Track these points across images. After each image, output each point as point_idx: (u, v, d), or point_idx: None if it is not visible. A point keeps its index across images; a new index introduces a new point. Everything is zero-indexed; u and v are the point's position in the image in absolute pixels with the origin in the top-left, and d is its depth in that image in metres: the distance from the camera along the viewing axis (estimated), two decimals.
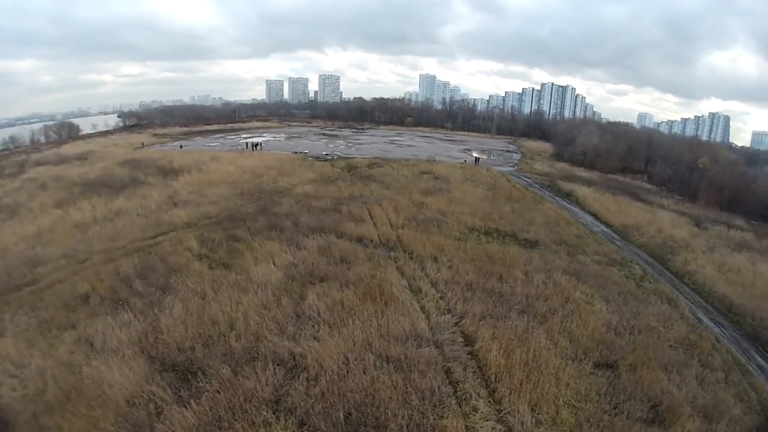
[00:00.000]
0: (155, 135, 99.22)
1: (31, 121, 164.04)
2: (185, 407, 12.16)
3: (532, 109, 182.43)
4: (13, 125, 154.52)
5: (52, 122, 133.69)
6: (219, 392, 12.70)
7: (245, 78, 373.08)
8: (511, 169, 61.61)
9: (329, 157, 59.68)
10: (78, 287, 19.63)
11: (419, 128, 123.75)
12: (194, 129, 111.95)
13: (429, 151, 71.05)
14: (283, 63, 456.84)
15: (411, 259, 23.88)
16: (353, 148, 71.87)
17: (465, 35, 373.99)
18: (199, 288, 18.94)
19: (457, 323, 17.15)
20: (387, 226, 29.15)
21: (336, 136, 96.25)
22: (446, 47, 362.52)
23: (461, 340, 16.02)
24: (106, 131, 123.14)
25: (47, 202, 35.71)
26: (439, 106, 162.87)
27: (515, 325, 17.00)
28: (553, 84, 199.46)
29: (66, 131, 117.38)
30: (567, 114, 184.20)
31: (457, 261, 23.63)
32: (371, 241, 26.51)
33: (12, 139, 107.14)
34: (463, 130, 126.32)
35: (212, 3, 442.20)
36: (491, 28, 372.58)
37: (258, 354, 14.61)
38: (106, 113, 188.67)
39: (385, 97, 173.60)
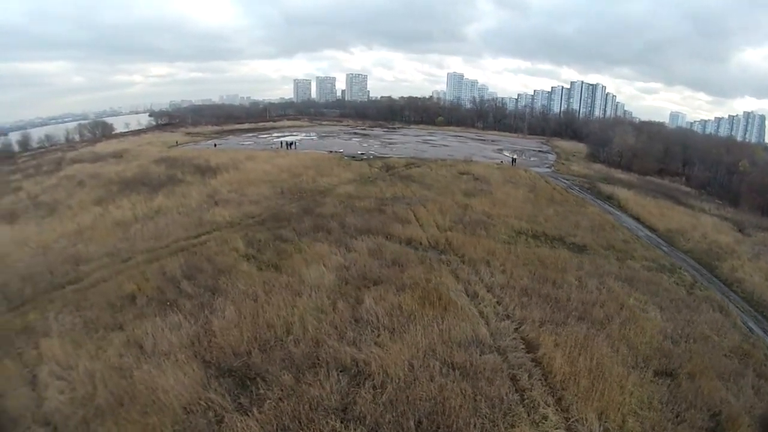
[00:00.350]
0: (188, 134, 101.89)
1: (65, 120, 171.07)
2: (247, 415, 11.82)
3: (562, 108, 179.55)
4: (47, 124, 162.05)
5: (85, 121, 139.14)
6: (282, 400, 12.34)
7: (272, 77, 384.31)
8: (548, 170, 60.57)
9: (365, 157, 59.63)
10: (123, 287, 19.68)
11: (450, 127, 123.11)
12: (226, 128, 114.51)
13: (463, 151, 70.57)
14: (309, 62, 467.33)
15: (463, 262, 23.56)
16: (387, 148, 71.80)
17: (490, 33, 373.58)
18: (250, 290, 18.70)
19: (517, 329, 16.90)
20: (434, 228, 28.90)
21: (368, 135, 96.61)
22: (471, 45, 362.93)
23: (523, 346, 15.82)
24: (139, 130, 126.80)
25: (86, 200, 36.54)
26: (469, 105, 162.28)
27: (575, 331, 16.69)
28: (582, 82, 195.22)
29: (100, 130, 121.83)
30: (597, 113, 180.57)
31: (510, 265, 23.31)
32: (420, 243, 26.22)
33: (47, 137, 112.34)
34: (494, 130, 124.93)
35: (236, 5, 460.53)
36: (516, 26, 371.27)
37: (319, 360, 14.24)
38: (137, 112, 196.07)
39: (413, 96, 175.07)
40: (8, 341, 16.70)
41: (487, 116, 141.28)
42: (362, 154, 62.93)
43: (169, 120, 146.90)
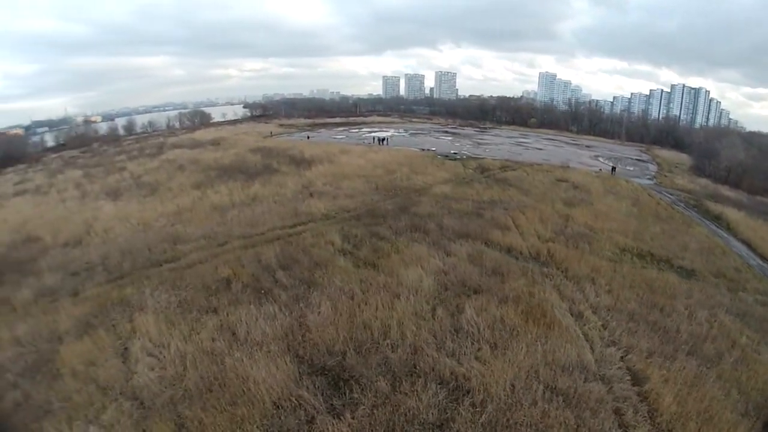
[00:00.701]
0: (281, 125, 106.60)
1: (166, 108, 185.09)
2: (339, 419, 11.44)
3: (661, 113, 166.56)
4: (150, 112, 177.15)
5: (185, 110, 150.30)
6: (376, 407, 11.85)
7: (360, 74, 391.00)
8: (650, 182, 56.00)
9: (458, 157, 58.49)
10: (219, 270, 20.19)
11: (543, 130, 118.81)
12: (317, 121, 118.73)
13: (559, 155, 67.53)
14: (397, 60, 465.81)
15: (566, 278, 22.15)
16: (480, 148, 70.15)
17: (584, 31, 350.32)
18: (347, 287, 18.42)
19: (623, 358, 15.62)
20: (534, 238, 27.52)
21: (459, 134, 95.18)
22: (564, 44, 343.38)
23: (629, 377, 14.61)
24: (235, 120, 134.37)
25: (186, 183, 38.59)
26: (564, 107, 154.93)
27: (685, 367, 15.19)
28: (684, 86, 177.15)
29: (198, 118, 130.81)
30: (699, 120, 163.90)
31: (616, 286, 21.65)
32: (520, 253, 24.98)
33: (150, 123, 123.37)
34: (589, 134, 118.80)
35: (327, 3, 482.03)
36: (612, 23, 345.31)
37: (416, 369, 13.62)
38: (232, 104, 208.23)
39: (501, 95, 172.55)
40: (104, 312, 17.73)
41: (582, 119, 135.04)
42: (455, 153, 61.84)
43: (263, 111, 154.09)
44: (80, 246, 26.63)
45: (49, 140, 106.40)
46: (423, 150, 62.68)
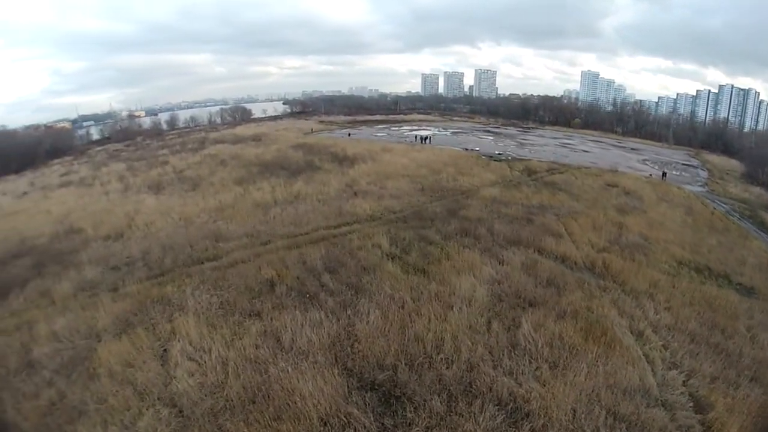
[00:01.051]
0: (322, 122, 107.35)
1: (207, 104, 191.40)
2: None
3: (708, 114, 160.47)
4: (192, 107, 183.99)
5: (226, 106, 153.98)
6: (430, 429, 11.15)
7: (399, 71, 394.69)
8: (702, 189, 53.03)
9: (503, 158, 57.02)
10: (262, 271, 19.53)
11: (587, 131, 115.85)
12: (358, 118, 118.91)
13: (606, 158, 65.28)
14: (435, 57, 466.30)
15: (624, 292, 20.83)
16: (525, 149, 68.40)
17: (627, 28, 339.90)
18: (397, 295, 17.45)
19: (685, 382, 14.66)
20: (588, 247, 26.14)
21: (501, 134, 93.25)
22: (606, 42, 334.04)
23: (691, 404, 13.76)
24: (275, 116, 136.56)
25: (227, 178, 38.44)
26: (608, 108, 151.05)
27: (749, 395, 14.23)
28: (732, 86, 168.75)
29: (239, 114, 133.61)
30: (749, 123, 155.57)
31: (676, 303, 20.32)
32: (575, 263, 23.61)
33: (192, 118, 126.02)
34: (635, 136, 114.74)
35: (365, 1, 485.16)
36: (656, 20, 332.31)
37: (472, 388, 12.73)
38: (271, 100, 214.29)
39: (546, 95, 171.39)
40: (144, 310, 17.27)
41: (628, 121, 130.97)
42: (499, 154, 60.47)
43: (303, 108, 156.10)
44: (121, 239, 26.53)
45: (95, 134, 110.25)
46: (466, 150, 61.50)
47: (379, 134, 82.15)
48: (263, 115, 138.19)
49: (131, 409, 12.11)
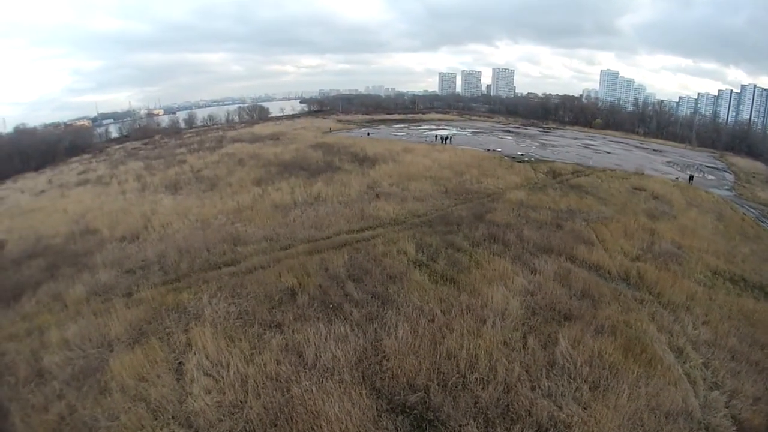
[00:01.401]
0: (339, 121, 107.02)
1: (224, 103, 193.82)
2: None
3: (730, 115, 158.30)
4: (210, 106, 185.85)
5: (244, 104, 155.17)
6: None
7: (415, 70, 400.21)
8: (729, 193, 51.18)
9: (526, 159, 55.78)
10: (282, 278, 18.68)
11: (608, 131, 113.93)
12: (376, 117, 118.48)
13: (630, 160, 63.48)
14: (452, 56, 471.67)
15: (660, 304, 19.86)
16: (547, 150, 66.97)
17: (646, 26, 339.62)
18: (426, 307, 16.45)
19: (727, 404, 14.02)
20: (621, 255, 24.96)
21: (522, 134, 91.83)
22: (625, 40, 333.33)
23: (735, 428, 13.15)
24: (293, 115, 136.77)
25: (246, 178, 37.70)
26: (629, 107, 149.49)
27: None
28: (755, 86, 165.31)
29: (257, 113, 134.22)
30: None
31: (715, 317, 19.26)
32: (609, 273, 22.49)
33: (210, 117, 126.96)
34: (657, 137, 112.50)
35: (381, 0, 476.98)
36: (676, 18, 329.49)
37: (510, 411, 11.97)
38: (289, 99, 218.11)
39: (560, 93, 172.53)
40: (158, 318, 16.58)
41: (650, 121, 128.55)
42: (522, 155, 59.31)
43: (320, 107, 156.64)
44: (137, 241, 25.93)
45: (114, 131, 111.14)
46: (488, 150, 60.41)
47: (398, 133, 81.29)
48: (281, 114, 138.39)
49: (144, 428, 11.42)
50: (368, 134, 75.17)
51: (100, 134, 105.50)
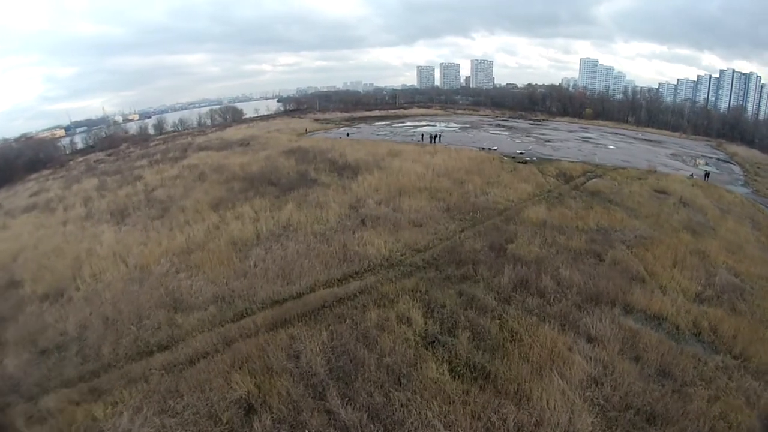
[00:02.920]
0: (317, 120, 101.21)
1: (202, 105, 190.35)
2: None
3: (709, 100, 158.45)
4: (187, 108, 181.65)
5: (218, 106, 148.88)
6: None
7: (393, 65, 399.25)
8: (746, 190, 47.23)
9: (527, 159, 50.01)
10: (233, 383, 12.44)
11: (599, 121, 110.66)
12: (355, 115, 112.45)
13: (635, 155, 59.56)
14: (430, 49, 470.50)
15: (748, 372, 14.71)
16: (547, 147, 61.78)
17: (623, 14, 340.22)
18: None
19: None
20: (680, 295, 19.50)
21: (513, 128, 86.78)
22: (602, 28, 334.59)
23: None
24: (268, 115, 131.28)
25: (203, 201, 31.38)
26: (619, 96, 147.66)
27: None
28: (734, 71, 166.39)
29: (230, 115, 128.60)
30: (750, 108, 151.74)
31: None
32: (676, 327, 17.04)
33: (181, 121, 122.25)
34: (648, 126, 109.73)
35: None
36: (651, 5, 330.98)
37: None
38: (266, 98, 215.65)
39: (539, 83, 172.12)
40: None
41: (640, 110, 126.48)
42: (521, 153, 53.88)
43: (297, 106, 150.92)
44: (60, 301, 20.34)
45: (79, 142, 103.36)
46: (483, 149, 54.63)
47: (380, 132, 75.18)
48: (255, 115, 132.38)
49: None
50: (348, 135, 68.73)
51: (65, 146, 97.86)
